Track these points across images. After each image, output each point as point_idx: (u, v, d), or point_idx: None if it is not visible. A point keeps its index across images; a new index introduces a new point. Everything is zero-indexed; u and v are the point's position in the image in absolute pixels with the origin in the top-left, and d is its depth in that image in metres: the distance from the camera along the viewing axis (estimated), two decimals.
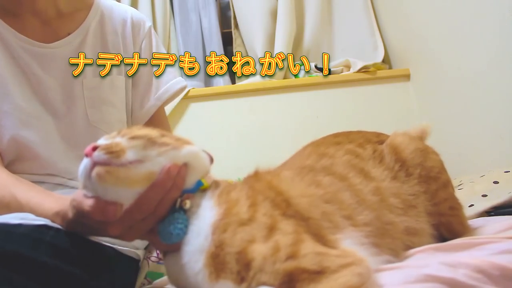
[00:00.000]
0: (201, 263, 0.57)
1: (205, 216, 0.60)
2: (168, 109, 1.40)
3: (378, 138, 0.85)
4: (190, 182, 0.64)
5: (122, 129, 0.66)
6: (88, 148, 0.59)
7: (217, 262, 0.56)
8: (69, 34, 0.96)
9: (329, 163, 0.75)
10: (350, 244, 0.62)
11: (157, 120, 1.07)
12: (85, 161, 0.59)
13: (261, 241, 0.56)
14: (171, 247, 0.61)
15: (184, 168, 0.62)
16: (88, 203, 0.58)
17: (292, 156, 0.87)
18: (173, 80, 1.07)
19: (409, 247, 0.71)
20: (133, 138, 0.61)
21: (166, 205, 0.61)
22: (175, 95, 1.09)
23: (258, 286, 0.53)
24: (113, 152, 0.58)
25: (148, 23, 1.09)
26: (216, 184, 0.67)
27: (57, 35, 0.95)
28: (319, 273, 0.53)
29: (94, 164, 0.58)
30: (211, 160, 0.70)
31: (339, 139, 0.85)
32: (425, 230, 0.75)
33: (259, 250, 0.55)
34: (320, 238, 0.60)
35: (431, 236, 0.77)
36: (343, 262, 0.54)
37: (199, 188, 0.64)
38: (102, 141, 0.62)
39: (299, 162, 0.79)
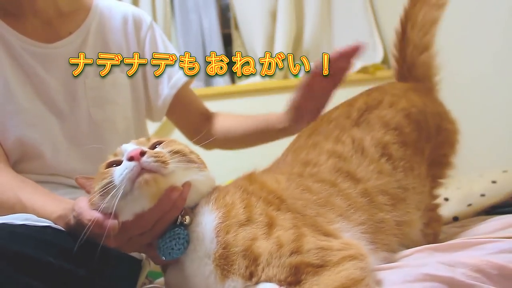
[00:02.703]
0: (211, 266, 0.59)
1: (206, 221, 0.62)
2: None
3: (351, 119, 0.82)
4: (193, 201, 0.66)
5: (151, 138, 0.68)
6: (135, 152, 0.59)
7: (226, 261, 0.58)
8: (70, 33, 0.96)
9: (315, 171, 0.75)
10: (350, 237, 0.64)
11: (187, 102, 1.12)
12: (131, 165, 0.59)
13: (263, 238, 0.58)
14: (170, 261, 0.63)
15: (187, 188, 0.63)
16: (87, 217, 0.60)
17: (273, 164, 0.85)
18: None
19: (402, 239, 0.73)
20: (174, 152, 0.63)
21: (165, 223, 0.62)
22: (187, 84, 1.11)
23: (267, 279, 0.55)
24: (163, 162, 0.59)
25: (149, 17, 1.09)
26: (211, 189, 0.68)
27: (59, 35, 0.95)
28: (322, 266, 0.55)
29: (142, 169, 0.58)
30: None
31: (313, 138, 0.82)
32: (414, 221, 0.77)
33: (264, 246, 0.57)
34: (319, 229, 0.62)
35: (420, 229, 0.79)
36: (345, 254, 0.56)
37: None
38: (136, 147, 0.63)
39: (285, 170, 0.78)
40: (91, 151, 0.94)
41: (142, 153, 0.59)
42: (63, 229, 0.67)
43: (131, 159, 0.59)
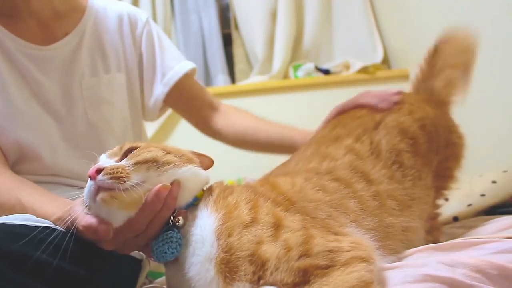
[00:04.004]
0: (212, 272, 0.57)
1: (205, 224, 0.61)
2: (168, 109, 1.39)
3: (374, 121, 0.85)
4: (184, 199, 0.64)
5: (125, 144, 0.67)
6: (92, 170, 0.59)
7: (229, 266, 0.56)
8: (66, 34, 0.96)
9: (332, 166, 0.76)
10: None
11: (190, 95, 1.09)
12: (90, 184, 0.59)
13: (270, 241, 0.57)
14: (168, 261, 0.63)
15: (176, 187, 0.63)
16: (82, 222, 0.60)
17: (295, 155, 0.87)
18: (178, 64, 1.07)
19: (406, 244, 0.73)
20: (138, 162, 0.61)
21: (158, 224, 0.62)
22: (188, 78, 1.09)
23: (275, 282, 0.54)
24: (118, 178, 0.58)
25: (145, 15, 1.08)
26: (209, 190, 0.67)
27: (54, 37, 0.95)
28: (330, 267, 0.54)
29: (99, 188, 0.58)
30: (211, 162, 0.72)
31: (337, 131, 0.85)
32: (418, 228, 0.77)
33: (271, 251, 0.55)
34: (329, 229, 0.61)
35: (422, 237, 0.80)
36: (355, 255, 0.56)
37: (193, 203, 0.65)
38: (104, 160, 0.63)
39: (303, 164, 0.79)
40: (90, 151, 0.94)
41: (99, 171, 0.59)
42: (63, 229, 0.67)
43: (90, 178, 0.59)
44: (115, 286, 0.78)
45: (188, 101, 1.11)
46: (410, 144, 0.81)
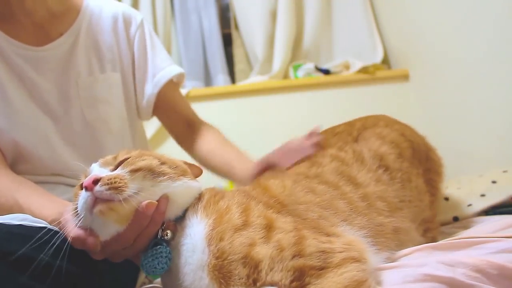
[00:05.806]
0: (206, 279, 0.57)
1: (196, 232, 0.61)
2: None
3: (351, 136, 0.88)
4: (174, 212, 0.64)
5: (119, 154, 0.66)
6: (88, 181, 0.58)
7: (223, 272, 0.56)
8: (61, 35, 0.96)
9: (320, 171, 0.77)
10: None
11: (169, 104, 1.08)
12: (86, 195, 0.58)
13: (263, 242, 0.56)
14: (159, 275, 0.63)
15: (164, 202, 0.62)
16: (71, 233, 0.61)
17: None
18: (168, 66, 1.07)
19: (398, 244, 0.73)
20: (134, 171, 0.61)
21: (145, 239, 0.62)
22: (178, 83, 1.09)
23: (272, 283, 0.54)
24: (116, 188, 0.58)
25: (140, 16, 1.08)
26: (199, 197, 0.67)
27: (49, 37, 0.95)
28: (324, 268, 0.54)
29: (96, 199, 0.58)
30: (200, 172, 0.73)
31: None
32: (409, 229, 0.78)
33: (264, 252, 0.55)
34: (321, 230, 0.61)
35: (416, 236, 0.80)
36: (347, 256, 0.56)
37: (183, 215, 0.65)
38: (98, 170, 0.62)
39: (290, 170, 0.80)
40: (88, 150, 0.95)
41: (96, 181, 0.58)
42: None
43: (85, 189, 0.58)
44: (114, 286, 0.78)
45: (169, 109, 1.09)
46: (392, 147, 0.83)
